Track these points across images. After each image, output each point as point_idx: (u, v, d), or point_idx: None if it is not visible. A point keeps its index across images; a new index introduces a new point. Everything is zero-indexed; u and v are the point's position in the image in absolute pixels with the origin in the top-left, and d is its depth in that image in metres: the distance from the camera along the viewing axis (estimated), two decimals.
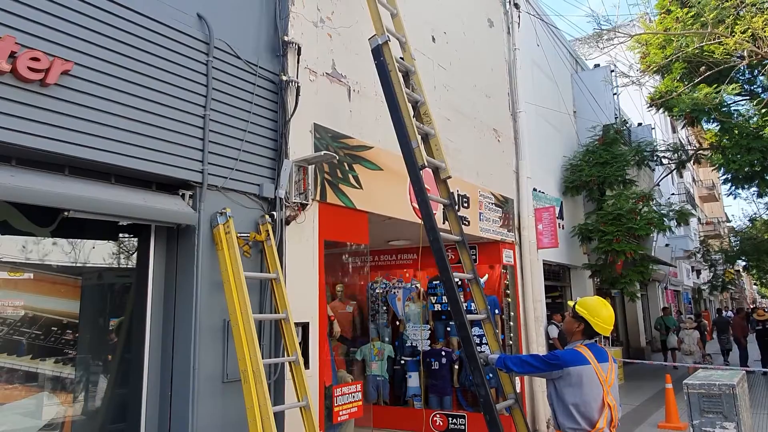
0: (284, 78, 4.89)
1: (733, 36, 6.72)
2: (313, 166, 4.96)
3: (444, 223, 6.16)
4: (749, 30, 6.66)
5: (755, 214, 26.54)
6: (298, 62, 5.07)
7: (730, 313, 22.23)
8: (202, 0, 4.46)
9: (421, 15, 7.26)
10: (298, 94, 4.94)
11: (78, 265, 4.01)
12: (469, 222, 7.48)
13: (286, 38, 4.98)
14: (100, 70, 3.66)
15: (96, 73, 3.63)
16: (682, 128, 18.38)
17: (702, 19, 7.76)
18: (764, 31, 6.54)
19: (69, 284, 4.02)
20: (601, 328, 3.66)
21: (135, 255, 4.30)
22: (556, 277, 12.52)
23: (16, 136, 3.22)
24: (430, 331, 8.81)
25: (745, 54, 7.23)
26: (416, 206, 6.02)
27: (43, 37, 3.39)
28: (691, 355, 13.86)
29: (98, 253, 4.15)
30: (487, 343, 5.11)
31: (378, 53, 5.01)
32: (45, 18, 3.41)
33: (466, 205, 7.47)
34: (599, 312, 3.67)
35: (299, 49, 5.08)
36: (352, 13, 5.93)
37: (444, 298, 8.48)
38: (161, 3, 4.12)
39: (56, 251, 3.92)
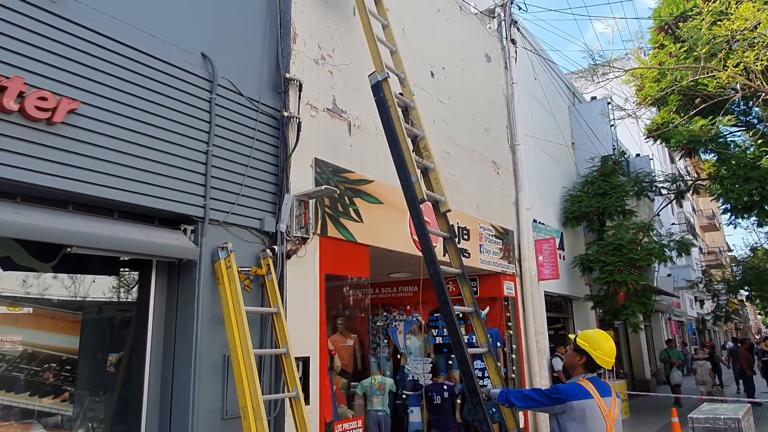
0: (286, 114, 4.98)
1: (726, 70, 6.86)
2: (314, 200, 5.01)
3: (444, 255, 6.18)
4: (741, 64, 6.80)
5: (756, 243, 26.52)
6: (299, 98, 5.18)
7: (729, 344, 21.88)
8: (206, 39, 4.58)
9: (420, 51, 7.43)
10: (299, 130, 5.03)
11: (78, 299, 4.01)
12: (469, 254, 7.49)
13: (287, 75, 5.10)
14: (106, 108, 3.74)
15: (102, 111, 3.71)
16: (680, 159, 18.54)
17: (695, 53, 7.94)
18: (756, 65, 6.67)
19: (68, 319, 4.02)
20: (603, 360, 3.64)
21: (135, 289, 4.31)
22: (558, 309, 12.44)
23: (22, 174, 3.27)
24: (431, 365, 8.71)
25: (738, 87, 7.36)
26: (417, 239, 6.05)
27: (51, 77, 3.48)
28: (704, 384, 13.77)
29: (98, 287, 4.16)
30: (489, 377, 5.07)
31: (378, 89, 5.12)
32: (53, 59, 3.50)
33: (466, 237, 7.50)
34: (600, 345, 3.65)
35: (300, 85, 5.19)
36: (352, 50, 6.07)
37: (445, 330, 8.42)
38: (167, 43, 4.24)
39: (56, 285, 3.93)
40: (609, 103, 13.99)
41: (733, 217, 13.62)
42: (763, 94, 7.23)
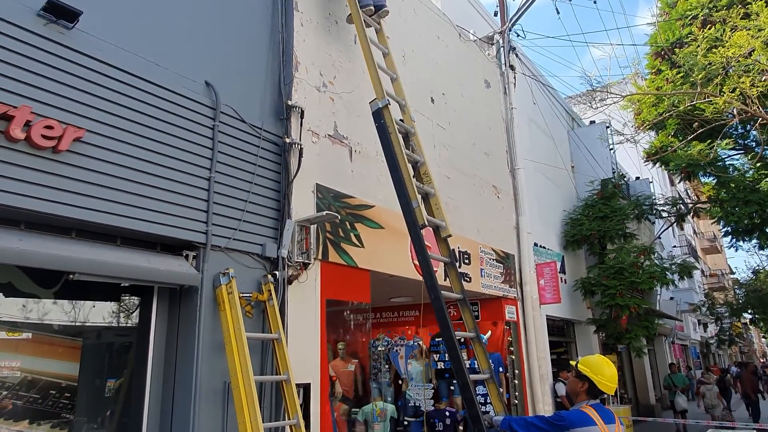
0: (287, 140, 5.04)
1: (723, 95, 6.94)
2: (315, 225, 5.03)
3: (445, 280, 6.17)
4: (737, 90, 6.89)
5: (758, 266, 26.39)
6: (301, 125, 5.24)
7: (734, 368, 21.58)
8: (210, 67, 4.67)
9: (421, 77, 7.53)
10: (300, 156, 5.08)
11: (77, 324, 4.01)
12: (470, 278, 7.48)
13: (289, 102, 5.17)
14: (111, 136, 3.79)
15: (107, 138, 3.77)
16: (679, 182, 18.60)
17: (691, 78, 8.04)
18: (752, 91, 6.76)
19: (68, 345, 4.01)
20: (605, 386, 3.61)
21: (136, 314, 4.31)
22: (561, 333, 12.36)
23: (27, 201, 3.31)
24: (433, 390, 8.63)
25: (735, 112, 7.45)
26: (417, 263, 6.05)
27: (58, 107, 3.54)
28: (713, 408, 13.59)
29: (98, 311, 4.15)
30: (491, 403, 5.02)
31: (378, 116, 5.18)
32: (61, 88, 3.57)
33: (467, 261, 7.50)
34: (602, 370, 3.63)
35: (302, 112, 5.26)
36: (353, 78, 6.16)
37: (447, 355, 8.36)
38: (171, 72, 4.31)
39: (56, 310, 3.92)
40: (608, 127, 14.11)
41: (734, 239, 13.61)
42: (760, 119, 7.30)
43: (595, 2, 10.98)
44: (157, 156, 4.06)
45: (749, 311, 23.08)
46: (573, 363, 3.81)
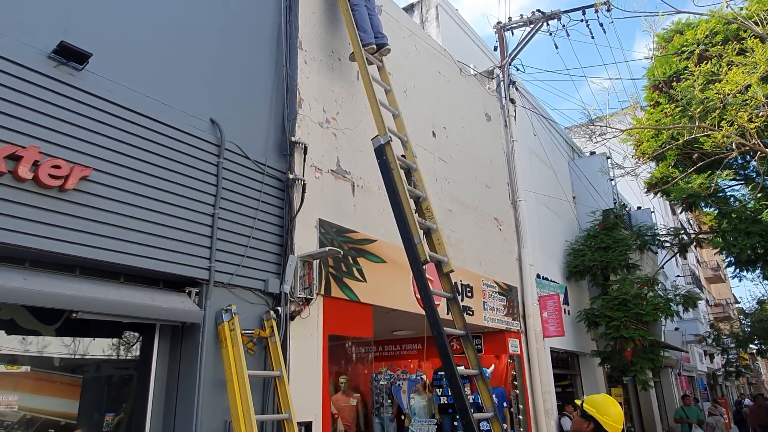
0: (291, 176, 5.09)
1: (721, 130, 7.02)
2: (318, 260, 5.04)
3: (448, 313, 6.15)
4: (735, 124, 6.96)
5: (763, 295, 26.19)
6: (304, 160, 5.30)
7: (746, 401, 21.14)
8: (215, 105, 4.75)
9: (422, 112, 7.64)
10: (303, 191, 5.13)
11: (77, 356, 3.98)
12: (473, 312, 7.44)
13: (293, 139, 5.25)
14: (117, 174, 3.85)
15: (113, 177, 3.82)
16: (681, 212, 18.62)
17: (689, 112, 8.14)
18: (750, 125, 6.83)
19: (68, 382, 3.98)
20: (612, 427, 3.56)
21: (138, 351, 4.28)
22: (565, 365, 12.21)
23: (33, 240, 3.34)
24: (436, 426, 8.49)
25: (734, 146, 7.52)
26: (420, 297, 6.04)
27: (66, 146, 3.60)
28: None
29: (99, 346, 4.14)
30: None
31: (381, 152, 5.25)
32: (70, 128, 3.64)
33: (469, 294, 7.48)
34: (608, 410, 3.59)
35: (306, 148, 5.33)
36: (356, 113, 6.26)
37: (450, 391, 8.24)
38: (177, 110, 4.39)
39: (56, 343, 3.91)
40: (608, 158, 14.20)
41: (738, 270, 13.56)
42: (759, 152, 7.37)
43: (592, 37, 11.19)
44: (162, 193, 4.10)
45: (755, 342, 22.81)
46: (578, 402, 3.77)
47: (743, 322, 27.92)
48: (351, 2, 6.09)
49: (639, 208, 17.93)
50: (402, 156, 5.68)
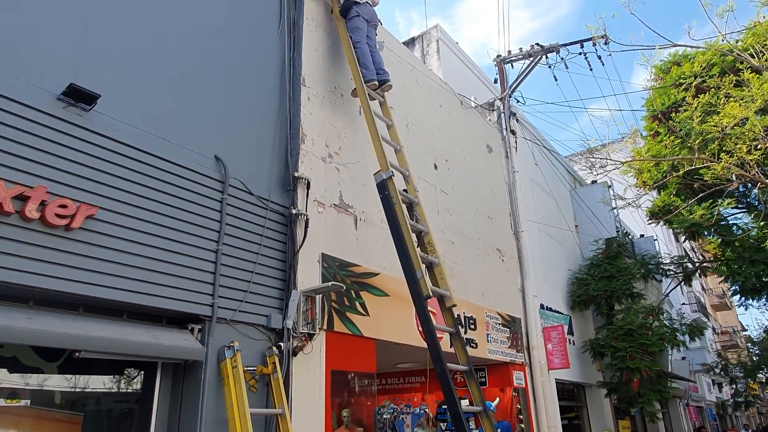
0: (294, 211, 5.14)
1: (720, 161, 7.07)
2: (321, 295, 5.05)
3: (451, 347, 6.11)
4: (735, 156, 7.02)
5: None
6: (307, 195, 5.35)
7: None
8: (220, 142, 4.82)
9: (424, 145, 7.73)
10: (306, 226, 5.16)
11: (77, 390, 3.96)
12: (476, 344, 7.39)
13: (296, 174, 5.31)
14: (123, 213, 3.89)
15: (118, 215, 3.86)
16: (684, 241, 18.58)
17: (688, 143, 8.21)
18: (750, 156, 6.88)
19: (67, 420, 3.95)
20: None
21: (139, 388, 4.26)
22: (571, 397, 12.03)
23: (38, 280, 3.36)
24: None
25: (734, 178, 7.56)
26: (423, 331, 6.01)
27: (73, 185, 3.65)
28: None
29: (100, 383, 4.11)
30: None
31: (383, 187, 5.30)
32: (77, 168, 3.70)
33: (472, 326, 7.44)
34: None
35: (308, 183, 5.38)
36: (358, 147, 6.34)
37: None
38: (182, 147, 4.46)
39: (56, 377, 3.88)
40: (609, 187, 14.25)
41: (743, 298, 13.46)
42: (759, 183, 7.40)
43: (591, 69, 11.37)
44: (167, 230, 4.14)
45: (764, 371, 22.48)
46: None
47: (751, 350, 27.55)
48: (353, 39, 6.23)
49: (642, 236, 17.90)
50: (404, 190, 5.73)
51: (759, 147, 6.72)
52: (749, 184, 12.59)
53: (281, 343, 4.66)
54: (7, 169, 3.36)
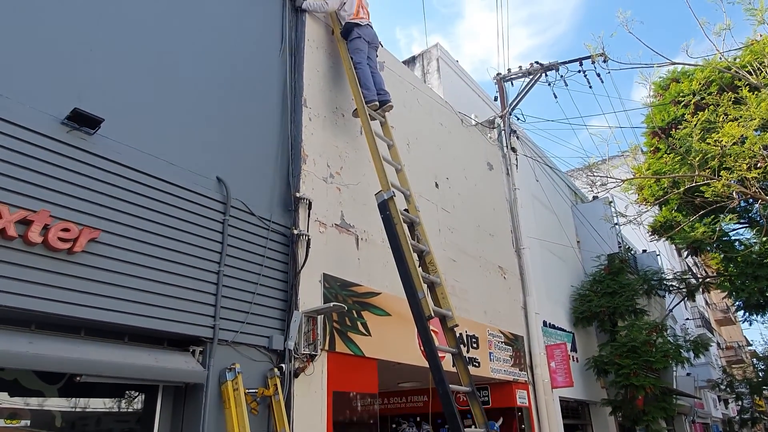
0: (295, 232, 5.15)
1: (720, 179, 7.08)
2: (322, 315, 5.04)
3: (453, 366, 6.08)
4: (735, 173, 7.03)
5: None
6: (308, 215, 5.37)
7: None
8: (222, 163, 4.86)
9: (425, 163, 7.76)
10: (308, 246, 5.17)
11: (77, 410, 3.94)
12: (479, 363, 7.35)
13: (297, 194, 5.33)
14: (125, 235, 3.91)
15: (120, 238, 3.88)
16: (686, 257, 18.53)
17: (688, 160, 8.23)
18: (750, 174, 6.89)
19: None
20: None
21: (140, 411, 4.24)
22: (575, 415, 11.92)
23: (40, 304, 3.37)
24: None
25: (734, 195, 7.57)
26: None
27: (76, 209, 3.67)
28: None
29: (101, 402, 4.09)
30: None
31: (384, 208, 5.32)
32: (80, 191, 3.72)
33: (475, 345, 7.40)
34: None
35: (310, 203, 5.41)
36: (359, 166, 6.37)
37: None
38: (184, 169, 4.49)
39: (55, 400, 3.87)
40: (611, 202, 14.25)
41: (747, 314, 13.38)
42: (760, 200, 7.41)
43: (590, 87, 11.45)
44: (168, 252, 4.15)
45: None
46: None
47: (756, 365, 27.28)
48: (354, 60, 6.30)
49: (644, 251, 17.85)
50: (405, 210, 5.75)
51: (759, 165, 6.74)
52: (751, 200, 12.59)
53: (283, 365, 4.65)
54: (11, 193, 3.39)
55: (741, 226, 13.85)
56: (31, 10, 3.83)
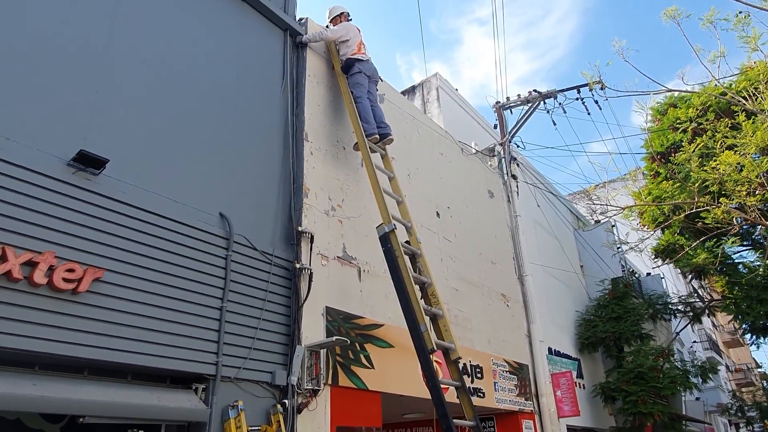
0: (297, 265, 5.18)
1: (720, 206, 7.11)
2: (325, 349, 5.03)
3: (457, 397, 6.03)
4: (735, 200, 7.06)
5: None
6: (311, 249, 5.41)
7: None
8: (224, 200, 4.91)
9: (426, 193, 7.82)
10: (310, 280, 5.19)
11: None
12: (484, 393, 7.29)
13: (299, 228, 5.38)
14: (129, 274, 3.94)
15: (124, 276, 3.91)
16: (690, 281, 18.43)
17: (687, 187, 8.28)
18: (750, 200, 6.92)
19: None
20: None
21: None
22: None
23: (44, 345, 3.39)
24: None
25: (734, 221, 7.59)
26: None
27: (81, 249, 3.72)
28: None
29: None
30: None
31: (385, 241, 5.35)
32: (85, 231, 3.78)
33: (479, 375, 7.35)
34: None
35: (312, 237, 5.45)
36: (360, 199, 6.42)
37: None
38: (187, 206, 4.55)
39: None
40: (613, 226, 14.24)
41: (754, 337, 13.26)
42: (760, 226, 7.43)
43: (588, 113, 11.58)
44: (172, 290, 4.18)
45: None
46: None
47: (767, 388, 26.84)
48: (354, 95, 6.41)
49: (648, 274, 17.76)
50: (406, 242, 5.78)
51: (757, 192, 6.77)
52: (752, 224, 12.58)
53: (285, 400, 4.63)
54: (17, 235, 3.44)
55: (744, 248, 13.81)
56: (37, 53, 3.94)
